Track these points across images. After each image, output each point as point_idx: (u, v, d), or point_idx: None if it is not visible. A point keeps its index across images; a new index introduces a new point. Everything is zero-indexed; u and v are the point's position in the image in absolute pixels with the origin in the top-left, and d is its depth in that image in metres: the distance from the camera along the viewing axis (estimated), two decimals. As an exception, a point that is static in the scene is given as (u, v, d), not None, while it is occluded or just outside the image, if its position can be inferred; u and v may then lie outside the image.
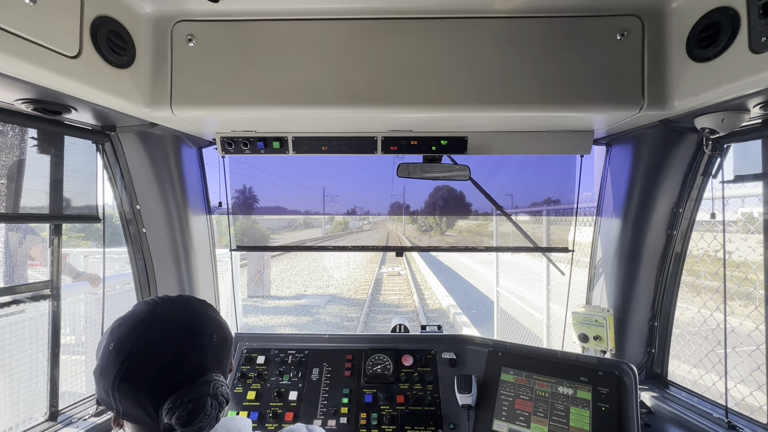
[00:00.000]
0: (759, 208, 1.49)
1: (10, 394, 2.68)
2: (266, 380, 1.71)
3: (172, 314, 0.82)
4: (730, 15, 1.03)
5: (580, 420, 1.40)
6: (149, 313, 0.81)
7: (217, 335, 0.85)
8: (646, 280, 1.71)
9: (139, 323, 0.79)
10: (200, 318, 0.85)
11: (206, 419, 0.76)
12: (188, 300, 0.88)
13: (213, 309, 0.91)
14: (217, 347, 0.83)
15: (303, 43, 1.30)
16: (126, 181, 1.64)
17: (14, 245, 2.75)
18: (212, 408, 0.77)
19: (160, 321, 0.80)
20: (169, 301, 0.85)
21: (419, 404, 1.62)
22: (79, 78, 1.08)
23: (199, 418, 0.74)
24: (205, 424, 0.76)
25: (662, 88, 1.26)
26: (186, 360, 0.77)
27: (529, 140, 1.63)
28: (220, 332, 0.86)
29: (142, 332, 0.77)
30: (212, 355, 0.82)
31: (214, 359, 0.82)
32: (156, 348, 0.76)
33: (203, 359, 0.80)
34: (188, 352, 0.78)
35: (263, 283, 12.14)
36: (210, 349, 0.81)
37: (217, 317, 0.89)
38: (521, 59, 1.29)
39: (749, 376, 1.83)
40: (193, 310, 0.86)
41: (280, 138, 1.64)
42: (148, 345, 0.76)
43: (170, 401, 0.73)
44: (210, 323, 0.85)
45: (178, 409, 0.73)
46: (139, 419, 0.77)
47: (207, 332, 0.83)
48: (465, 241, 26.98)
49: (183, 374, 0.76)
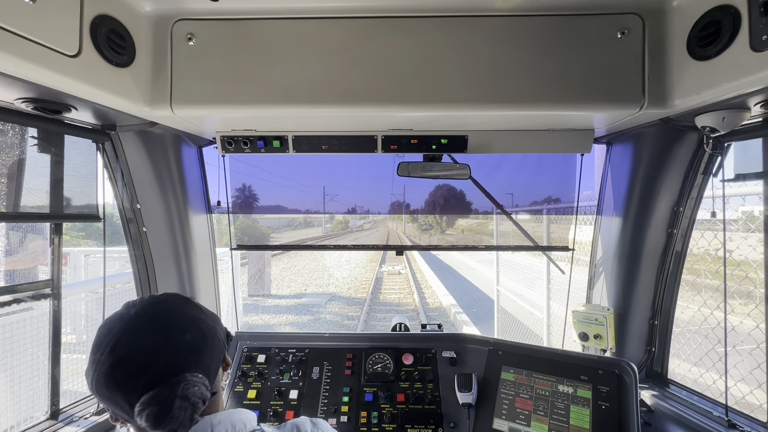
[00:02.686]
0: (759, 207, 1.49)
1: (11, 392, 2.68)
2: (267, 379, 1.71)
3: (142, 314, 0.82)
4: (731, 13, 1.03)
5: (580, 418, 1.40)
6: (122, 316, 0.81)
7: (192, 333, 0.83)
8: (647, 278, 1.71)
9: (112, 326, 0.80)
10: (173, 317, 0.84)
11: (175, 421, 0.74)
12: (166, 299, 0.87)
13: (193, 306, 0.90)
14: (191, 346, 0.82)
15: (303, 42, 1.30)
16: (126, 180, 1.64)
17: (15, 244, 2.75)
18: (181, 410, 0.75)
19: (131, 323, 0.80)
20: (145, 302, 0.85)
21: (419, 403, 1.62)
22: (79, 77, 1.07)
23: (166, 420, 0.73)
24: (175, 425, 0.75)
25: (663, 87, 1.26)
26: (154, 361, 0.77)
27: (530, 139, 1.63)
28: (197, 330, 0.84)
29: (113, 335, 0.78)
30: (186, 355, 0.80)
31: (189, 358, 0.80)
32: (125, 351, 0.76)
33: (173, 360, 0.78)
34: (156, 354, 0.77)
35: (263, 282, 12.16)
36: (182, 349, 0.80)
37: (194, 314, 0.87)
38: (521, 58, 1.28)
39: (749, 375, 1.83)
40: (167, 308, 0.85)
41: (280, 137, 1.64)
42: (117, 348, 0.76)
43: (139, 404, 0.73)
44: (184, 321, 0.84)
45: (145, 411, 0.73)
46: (124, 418, 0.78)
47: (179, 330, 0.81)
48: (465, 239, 27.00)
49: (150, 376, 0.75)
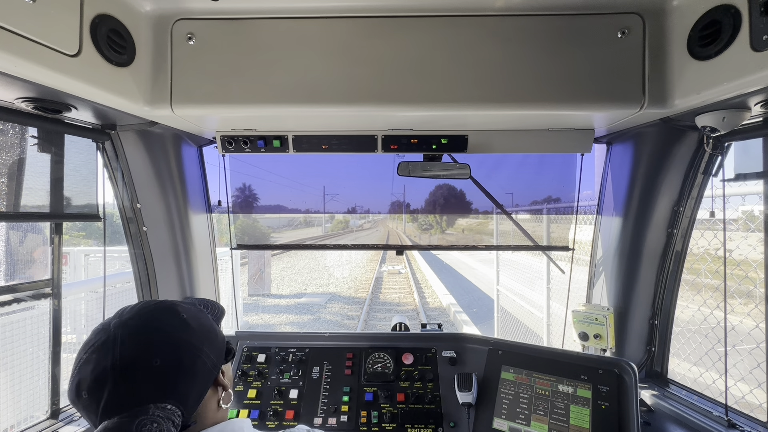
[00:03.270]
0: (759, 206, 1.49)
1: (12, 392, 2.68)
2: (267, 378, 1.71)
3: (119, 330, 0.76)
4: (732, 13, 1.03)
5: (580, 418, 1.41)
6: (104, 327, 0.78)
7: (162, 359, 0.75)
8: (647, 278, 1.71)
9: (90, 339, 0.77)
10: (147, 337, 0.77)
11: None
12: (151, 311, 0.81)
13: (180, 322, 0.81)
14: (161, 373, 0.74)
15: (303, 42, 1.30)
16: (126, 179, 1.64)
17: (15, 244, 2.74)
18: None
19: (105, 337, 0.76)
20: (128, 314, 0.79)
21: (419, 402, 1.62)
22: (79, 76, 1.07)
23: None
24: None
25: (663, 87, 1.26)
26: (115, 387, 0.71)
27: (530, 139, 1.63)
28: (171, 354, 0.76)
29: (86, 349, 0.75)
30: (151, 385, 0.73)
31: (156, 387, 0.73)
32: (91, 369, 0.73)
33: (135, 388, 0.72)
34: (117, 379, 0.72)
35: (264, 281, 12.17)
36: (149, 377, 0.73)
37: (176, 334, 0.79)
38: (522, 57, 1.28)
39: (749, 374, 1.83)
40: (146, 325, 0.78)
41: (280, 136, 1.64)
42: (85, 365, 0.74)
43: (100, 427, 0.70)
44: (157, 343, 0.76)
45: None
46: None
47: (147, 355, 0.74)
48: (465, 239, 26.99)
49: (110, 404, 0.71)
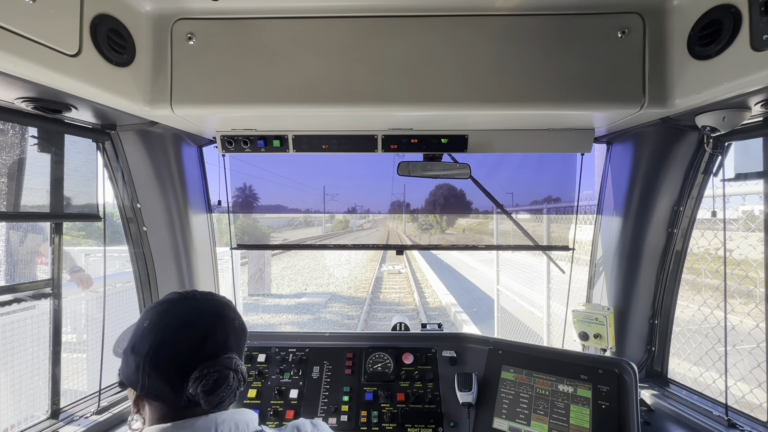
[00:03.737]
0: (760, 206, 1.49)
1: (12, 392, 2.69)
2: (267, 378, 1.71)
3: (201, 299, 0.92)
4: (732, 13, 1.03)
5: (580, 418, 1.41)
6: (181, 298, 0.92)
7: (239, 322, 0.95)
8: (647, 278, 1.71)
9: (171, 305, 0.90)
10: (225, 305, 0.95)
11: (228, 390, 0.84)
12: (213, 293, 0.99)
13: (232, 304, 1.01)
14: (238, 332, 0.93)
15: (303, 41, 1.30)
16: (126, 179, 1.64)
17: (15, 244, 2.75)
18: (235, 380, 0.85)
19: (190, 303, 0.91)
20: (197, 293, 0.96)
21: (420, 402, 1.62)
22: (79, 76, 1.07)
23: (222, 387, 0.82)
24: (227, 395, 0.84)
25: (663, 86, 1.26)
26: (213, 337, 0.87)
27: (530, 138, 1.63)
28: (240, 321, 0.96)
29: (174, 312, 0.88)
30: (234, 339, 0.91)
31: (235, 343, 0.91)
32: (187, 325, 0.87)
33: (226, 340, 0.89)
34: (215, 332, 0.87)
35: (264, 281, 12.16)
36: (232, 333, 0.91)
37: (236, 309, 0.99)
38: (522, 57, 1.28)
39: (749, 374, 1.83)
40: (218, 299, 0.97)
41: (280, 136, 1.64)
42: (181, 322, 0.87)
43: (198, 371, 0.81)
44: (232, 311, 0.96)
45: (205, 377, 0.81)
46: (163, 394, 0.84)
47: (230, 317, 0.92)
48: (465, 239, 26.99)
49: (209, 350, 0.85)
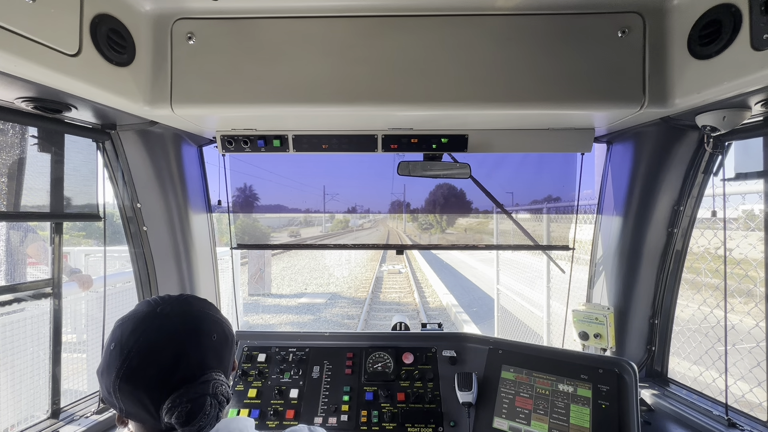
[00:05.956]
0: (760, 205, 1.49)
1: (12, 391, 2.69)
2: (267, 378, 1.71)
3: (171, 314, 0.82)
4: (732, 12, 1.03)
5: (580, 417, 1.41)
6: (149, 313, 0.81)
7: (217, 334, 0.85)
8: (647, 277, 1.71)
9: (139, 323, 0.79)
10: (200, 317, 0.85)
11: (206, 419, 0.76)
12: (188, 299, 0.89)
13: (214, 308, 0.91)
14: (217, 346, 0.84)
15: (303, 41, 1.30)
16: (126, 179, 1.64)
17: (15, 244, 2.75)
18: (212, 407, 0.77)
19: (160, 321, 0.80)
20: (170, 301, 0.86)
21: (420, 402, 1.62)
22: (79, 76, 1.07)
23: (198, 417, 0.75)
24: (205, 423, 0.77)
25: (663, 86, 1.26)
26: (185, 359, 0.78)
27: (530, 138, 1.63)
28: (220, 331, 0.86)
29: (141, 332, 0.78)
30: (212, 355, 0.82)
31: (215, 358, 0.82)
32: (155, 348, 0.77)
33: (203, 359, 0.80)
34: (188, 352, 0.78)
35: (264, 281, 12.16)
36: (210, 349, 0.82)
37: (217, 316, 0.89)
38: (522, 57, 1.28)
39: (749, 373, 1.83)
40: (193, 309, 0.86)
41: (280, 136, 1.64)
42: (147, 345, 0.77)
43: (170, 401, 0.74)
44: (209, 322, 0.86)
45: (178, 408, 0.73)
46: (141, 418, 0.78)
47: (206, 331, 0.83)
48: (465, 238, 26.98)
49: (182, 374, 0.76)
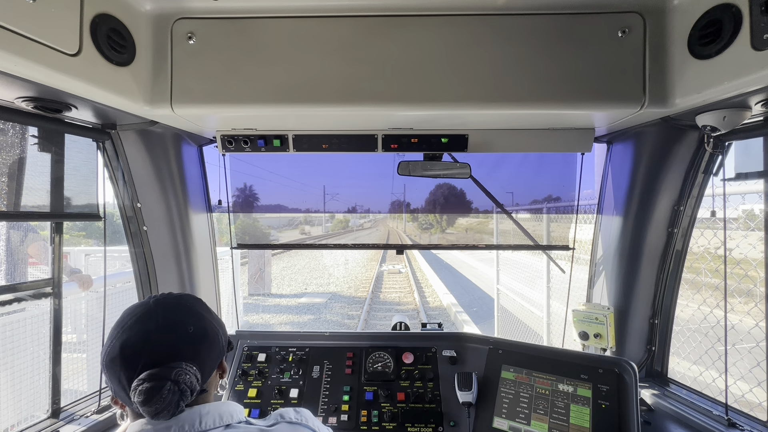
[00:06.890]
0: (760, 205, 1.49)
1: (13, 391, 2.69)
2: (267, 378, 1.71)
3: (159, 303, 0.89)
4: (732, 12, 1.03)
5: (580, 417, 1.41)
6: (143, 302, 0.90)
7: (195, 327, 0.89)
8: (647, 277, 1.71)
9: (131, 310, 0.89)
10: (183, 310, 0.91)
11: (161, 402, 0.78)
12: (183, 296, 0.94)
13: (206, 308, 0.96)
14: (193, 338, 0.88)
15: (303, 41, 1.30)
16: (127, 179, 1.64)
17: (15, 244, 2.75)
18: (170, 392, 0.78)
19: (147, 309, 0.88)
20: (167, 295, 0.93)
21: (420, 402, 1.62)
22: (80, 76, 1.07)
23: (155, 398, 0.77)
24: (162, 407, 0.78)
25: (664, 86, 1.26)
26: (157, 345, 0.84)
27: (530, 138, 1.63)
28: (200, 326, 0.90)
29: (128, 316, 0.88)
30: (185, 346, 0.86)
31: (188, 350, 0.86)
32: (135, 332, 0.84)
33: (173, 348, 0.85)
34: (159, 340, 0.84)
35: (264, 281, 12.16)
36: (184, 340, 0.87)
37: (204, 314, 0.93)
38: (522, 57, 1.28)
39: (749, 373, 1.83)
40: (180, 302, 0.92)
41: (280, 136, 1.64)
42: (128, 328, 0.85)
43: (136, 380, 0.79)
44: (191, 316, 0.90)
45: (139, 387, 0.78)
46: (123, 398, 0.85)
47: (183, 322, 0.88)
48: (466, 238, 26.97)
49: (152, 357, 0.82)
